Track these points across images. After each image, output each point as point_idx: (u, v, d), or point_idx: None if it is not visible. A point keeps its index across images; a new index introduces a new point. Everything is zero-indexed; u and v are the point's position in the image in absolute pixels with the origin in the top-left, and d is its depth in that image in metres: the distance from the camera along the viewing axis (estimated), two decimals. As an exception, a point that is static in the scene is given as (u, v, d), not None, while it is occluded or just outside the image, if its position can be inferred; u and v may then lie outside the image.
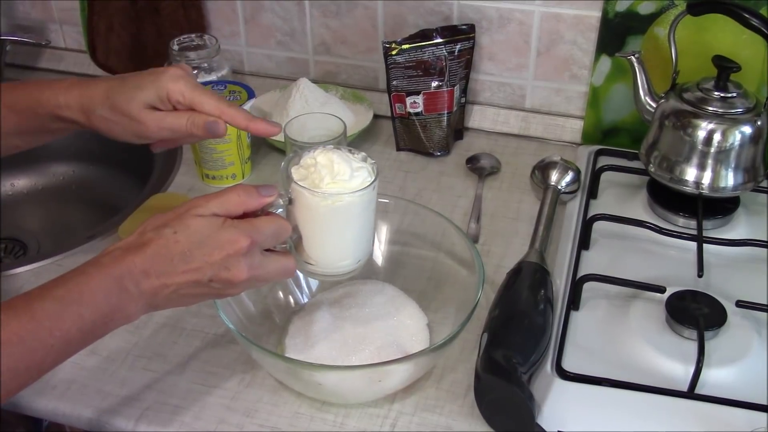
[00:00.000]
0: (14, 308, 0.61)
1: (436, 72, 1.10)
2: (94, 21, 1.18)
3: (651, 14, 1.04)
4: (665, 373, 0.76)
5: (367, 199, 0.71)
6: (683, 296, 0.82)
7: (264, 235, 0.68)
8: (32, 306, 0.61)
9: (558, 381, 0.75)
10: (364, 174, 0.71)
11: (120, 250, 0.65)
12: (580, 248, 0.92)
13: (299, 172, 0.72)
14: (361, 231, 0.74)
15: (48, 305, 0.62)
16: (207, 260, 0.65)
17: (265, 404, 0.78)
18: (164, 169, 1.11)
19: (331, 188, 0.70)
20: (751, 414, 0.71)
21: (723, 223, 0.95)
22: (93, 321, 0.63)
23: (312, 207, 0.70)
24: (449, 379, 0.80)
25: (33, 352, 0.61)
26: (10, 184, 1.28)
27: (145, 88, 0.78)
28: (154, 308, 0.67)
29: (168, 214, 0.67)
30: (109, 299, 0.63)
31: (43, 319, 0.61)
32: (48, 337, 0.61)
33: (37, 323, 0.61)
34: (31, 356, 0.61)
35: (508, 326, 0.77)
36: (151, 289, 0.65)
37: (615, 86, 1.10)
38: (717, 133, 0.91)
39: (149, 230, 0.66)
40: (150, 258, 0.65)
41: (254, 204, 0.68)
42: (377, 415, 0.77)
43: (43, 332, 0.61)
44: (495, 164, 1.11)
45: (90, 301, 0.63)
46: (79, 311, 0.62)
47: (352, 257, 0.75)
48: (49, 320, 0.61)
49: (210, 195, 0.68)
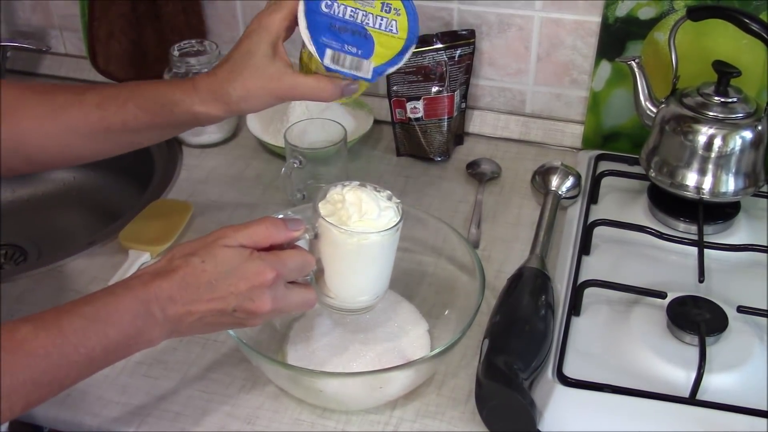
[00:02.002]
0: (43, 321, 0.62)
1: (437, 77, 1.10)
2: (94, 27, 1.18)
3: (651, 19, 1.04)
4: (666, 378, 0.76)
5: (393, 239, 0.73)
6: (684, 302, 0.81)
7: (289, 269, 0.69)
8: (61, 321, 0.62)
9: (559, 387, 0.74)
10: (390, 214, 0.72)
11: (149, 274, 0.66)
12: (580, 253, 0.92)
13: (326, 208, 0.72)
14: (383, 268, 0.75)
15: (75, 321, 0.62)
16: (232, 290, 0.66)
17: (266, 411, 0.78)
18: (165, 175, 1.11)
19: (359, 227, 0.71)
20: (752, 420, 0.71)
21: (724, 228, 0.95)
22: (117, 341, 0.64)
23: (338, 244, 0.71)
24: (450, 385, 0.80)
25: (57, 367, 0.61)
26: (11, 191, 1.27)
27: (255, 40, 0.77)
28: (177, 334, 0.68)
29: (195, 242, 0.68)
30: (135, 321, 0.64)
31: (70, 335, 0.62)
32: (73, 353, 0.61)
33: (64, 338, 0.61)
34: (55, 371, 0.61)
35: (509, 332, 0.77)
36: (176, 315, 0.66)
37: (615, 91, 1.10)
38: (717, 138, 0.91)
39: (177, 257, 0.67)
40: (177, 285, 0.65)
41: (281, 238, 0.69)
42: (378, 421, 0.77)
43: (69, 348, 0.61)
44: (495, 169, 1.11)
45: (116, 322, 0.64)
46: (105, 330, 0.63)
47: (371, 293, 0.76)
48: (76, 336, 0.62)
49: (238, 226, 0.69)
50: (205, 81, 0.79)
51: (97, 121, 0.81)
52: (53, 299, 0.91)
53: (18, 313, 0.89)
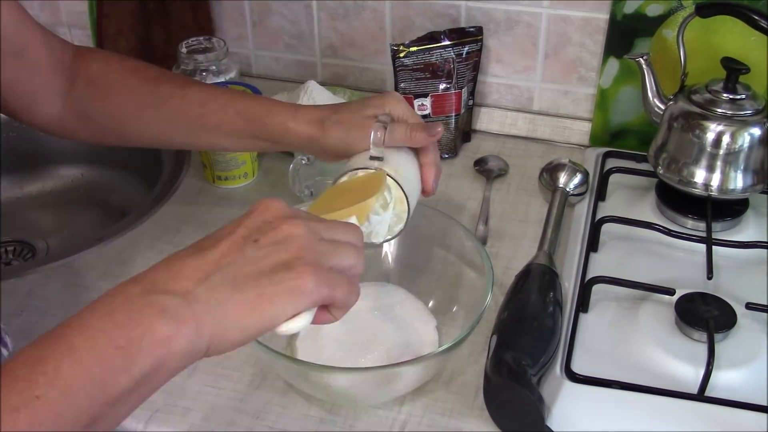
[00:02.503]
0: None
1: (444, 74, 1.10)
2: (103, 24, 1.18)
3: (659, 16, 1.04)
4: (675, 375, 0.76)
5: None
6: (693, 298, 0.81)
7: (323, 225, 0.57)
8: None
9: (567, 383, 0.74)
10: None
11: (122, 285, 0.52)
12: (588, 250, 0.92)
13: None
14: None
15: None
16: (240, 223, 0.55)
17: (275, 406, 0.78)
18: (173, 172, 1.12)
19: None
20: (761, 416, 0.71)
21: (732, 225, 0.94)
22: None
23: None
24: (459, 382, 0.80)
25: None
26: (19, 187, 1.28)
27: (370, 105, 0.81)
28: (208, 315, 0.51)
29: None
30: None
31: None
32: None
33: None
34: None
35: (518, 328, 0.77)
36: (183, 288, 0.51)
37: (623, 88, 1.10)
38: (726, 135, 0.91)
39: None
40: (162, 262, 0.53)
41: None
42: (386, 417, 0.77)
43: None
44: (503, 166, 1.11)
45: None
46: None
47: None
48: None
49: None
50: (309, 105, 0.84)
51: (196, 118, 0.84)
52: (63, 295, 0.92)
53: (28, 309, 0.89)
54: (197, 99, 0.84)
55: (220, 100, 0.84)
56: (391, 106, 0.81)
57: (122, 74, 0.86)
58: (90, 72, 0.85)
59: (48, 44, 0.83)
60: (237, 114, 0.83)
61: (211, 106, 0.84)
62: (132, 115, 0.85)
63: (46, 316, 0.89)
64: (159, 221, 1.02)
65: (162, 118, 0.85)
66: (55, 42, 0.85)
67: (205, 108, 0.84)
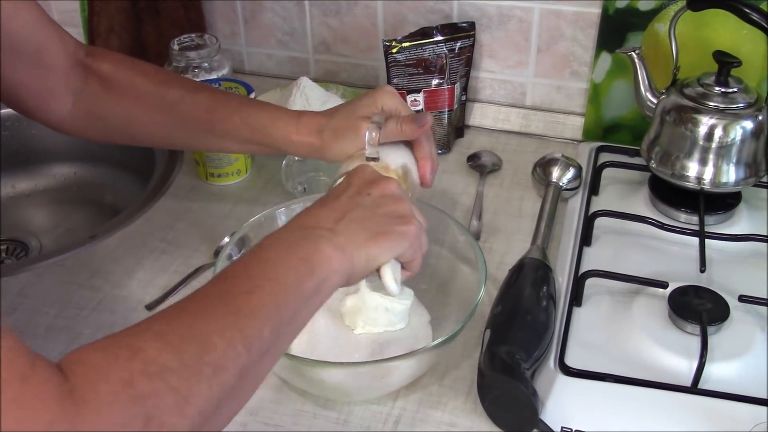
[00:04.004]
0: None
1: (437, 70, 1.10)
2: (94, 22, 1.18)
3: (651, 10, 1.04)
4: (668, 368, 0.76)
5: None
6: (686, 291, 0.81)
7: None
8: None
9: (561, 377, 0.75)
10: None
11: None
12: (582, 244, 0.92)
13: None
14: None
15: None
16: (346, 187, 0.69)
17: (269, 402, 0.78)
18: (166, 170, 1.11)
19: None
20: (754, 408, 0.71)
21: (725, 219, 0.95)
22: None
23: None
24: (452, 376, 0.80)
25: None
26: (11, 186, 1.27)
27: (362, 105, 0.82)
28: (346, 241, 0.64)
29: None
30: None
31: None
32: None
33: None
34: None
35: (511, 323, 0.77)
36: (323, 223, 0.64)
37: (615, 83, 1.10)
38: (718, 128, 0.91)
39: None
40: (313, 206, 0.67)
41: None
42: (380, 412, 0.77)
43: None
44: (496, 161, 1.11)
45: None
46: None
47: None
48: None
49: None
50: (310, 113, 0.86)
51: (204, 122, 0.86)
52: (56, 292, 0.91)
53: (21, 307, 0.89)
54: (205, 104, 0.86)
55: (228, 107, 0.85)
56: (383, 102, 0.81)
57: (132, 76, 0.87)
58: (101, 72, 0.86)
59: (64, 43, 0.84)
60: (243, 122, 0.85)
61: (219, 112, 0.85)
62: (141, 116, 0.87)
63: (39, 313, 0.89)
64: (152, 219, 1.02)
65: (171, 121, 0.87)
66: (70, 41, 0.85)
67: (213, 114, 0.85)
